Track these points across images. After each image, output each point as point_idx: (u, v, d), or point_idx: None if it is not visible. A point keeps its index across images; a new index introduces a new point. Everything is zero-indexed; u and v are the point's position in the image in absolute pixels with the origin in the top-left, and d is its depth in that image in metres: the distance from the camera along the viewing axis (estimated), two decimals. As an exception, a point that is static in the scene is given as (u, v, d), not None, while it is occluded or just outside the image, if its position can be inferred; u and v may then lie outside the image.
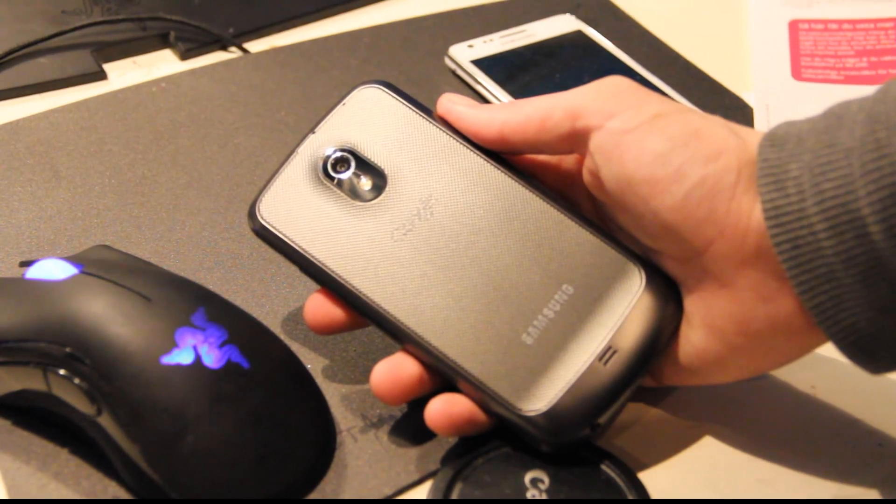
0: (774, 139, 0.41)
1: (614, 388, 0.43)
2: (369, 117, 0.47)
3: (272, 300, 0.51)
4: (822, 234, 0.38)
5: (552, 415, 0.42)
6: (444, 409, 0.43)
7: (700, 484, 0.45)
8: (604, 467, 0.43)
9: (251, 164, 0.58)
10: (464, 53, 0.63)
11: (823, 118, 0.40)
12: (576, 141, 0.44)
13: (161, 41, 0.66)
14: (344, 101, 0.47)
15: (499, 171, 0.46)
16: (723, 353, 0.43)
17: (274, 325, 0.48)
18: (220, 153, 0.58)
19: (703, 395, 0.47)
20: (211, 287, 0.47)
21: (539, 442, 0.43)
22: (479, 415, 0.43)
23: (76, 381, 0.42)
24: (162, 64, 0.65)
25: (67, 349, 0.42)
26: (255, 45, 0.66)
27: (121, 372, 0.42)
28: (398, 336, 0.44)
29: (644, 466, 0.45)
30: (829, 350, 0.41)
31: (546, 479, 0.43)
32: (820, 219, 0.38)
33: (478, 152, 0.46)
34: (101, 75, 0.64)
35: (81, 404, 0.43)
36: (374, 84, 0.47)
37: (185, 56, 0.65)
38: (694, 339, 0.43)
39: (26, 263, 0.47)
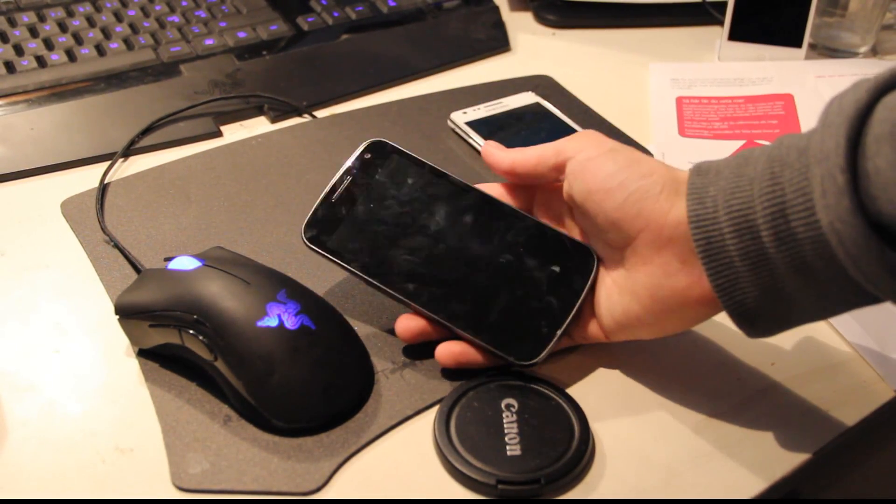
0: (699, 170, 0.40)
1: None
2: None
3: (330, 283, 0.50)
4: (727, 235, 0.38)
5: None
6: (447, 350, 0.43)
7: (617, 407, 0.44)
8: (555, 396, 0.43)
9: (318, 192, 0.57)
10: (460, 118, 0.63)
11: (735, 158, 0.39)
12: (559, 169, 0.44)
13: (258, 110, 0.65)
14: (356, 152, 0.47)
15: (481, 199, 0.45)
16: (639, 313, 0.42)
17: (331, 299, 0.47)
18: (297, 185, 0.58)
19: (622, 350, 0.46)
20: (290, 274, 0.46)
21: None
22: (471, 354, 0.43)
23: (201, 337, 0.42)
24: (259, 126, 0.64)
25: (195, 316, 0.42)
26: (321, 112, 0.65)
27: (230, 331, 0.41)
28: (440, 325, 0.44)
29: (581, 396, 0.44)
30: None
31: (516, 405, 0.42)
32: (727, 225, 0.37)
33: (453, 182, 0.46)
34: (218, 134, 0.63)
35: (204, 353, 0.42)
36: (376, 140, 0.48)
37: (274, 120, 0.65)
38: (623, 302, 0.43)
39: (168, 259, 0.46)
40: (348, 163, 0.47)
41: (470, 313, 0.43)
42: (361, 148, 0.47)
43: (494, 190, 0.48)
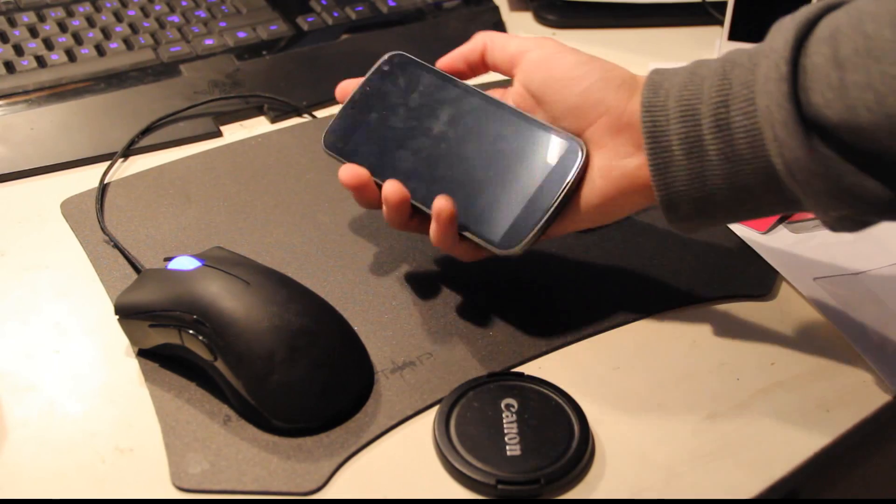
0: (658, 71, 0.43)
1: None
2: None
3: (329, 283, 0.50)
4: (672, 121, 0.40)
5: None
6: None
7: (617, 407, 0.44)
8: (555, 396, 0.43)
9: (317, 192, 0.57)
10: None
11: (691, 63, 0.42)
12: (513, 62, 0.46)
13: (258, 110, 0.65)
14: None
15: (485, 101, 0.46)
16: (587, 196, 0.44)
17: (331, 299, 0.47)
18: (297, 185, 0.58)
19: (622, 350, 0.46)
20: (290, 274, 0.46)
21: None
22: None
23: (200, 337, 0.42)
24: (259, 126, 0.64)
25: (195, 316, 0.42)
26: (321, 113, 0.65)
27: (230, 331, 0.42)
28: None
29: (581, 396, 0.44)
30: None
31: (516, 404, 0.42)
32: (674, 112, 0.40)
33: (464, 88, 0.47)
34: (218, 134, 0.63)
35: (204, 353, 0.42)
36: (396, 52, 0.49)
37: (274, 120, 0.65)
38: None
39: (168, 259, 0.46)
40: (369, 74, 0.49)
41: (459, 206, 0.44)
42: (381, 60, 0.49)
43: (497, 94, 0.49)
